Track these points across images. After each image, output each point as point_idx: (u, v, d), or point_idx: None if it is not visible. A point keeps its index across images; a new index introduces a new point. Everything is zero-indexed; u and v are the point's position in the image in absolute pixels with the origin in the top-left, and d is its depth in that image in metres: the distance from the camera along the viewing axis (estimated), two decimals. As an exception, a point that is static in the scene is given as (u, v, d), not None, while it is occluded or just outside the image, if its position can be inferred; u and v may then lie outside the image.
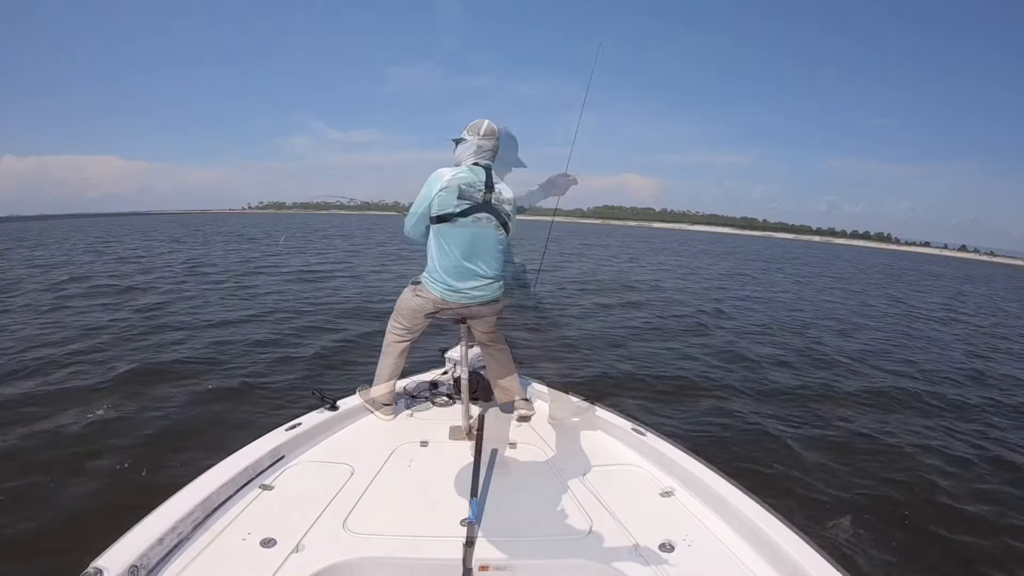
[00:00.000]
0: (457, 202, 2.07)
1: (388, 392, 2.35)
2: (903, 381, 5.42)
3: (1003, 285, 25.03)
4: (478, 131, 2.17)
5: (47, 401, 3.73)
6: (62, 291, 8.56)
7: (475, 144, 2.17)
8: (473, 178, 2.10)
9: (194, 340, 5.55)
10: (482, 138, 2.17)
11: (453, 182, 2.06)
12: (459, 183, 2.07)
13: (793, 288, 14.21)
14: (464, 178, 2.09)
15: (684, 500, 1.70)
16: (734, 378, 5.06)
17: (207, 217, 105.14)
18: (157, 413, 3.58)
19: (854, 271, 24.40)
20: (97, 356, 4.86)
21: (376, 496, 1.68)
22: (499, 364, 2.44)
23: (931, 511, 2.87)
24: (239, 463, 1.71)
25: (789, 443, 3.58)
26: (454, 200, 2.06)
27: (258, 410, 3.67)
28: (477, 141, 2.17)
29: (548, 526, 1.54)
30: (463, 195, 2.07)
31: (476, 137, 2.17)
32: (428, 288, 2.18)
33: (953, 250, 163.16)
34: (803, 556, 1.33)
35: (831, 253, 50.23)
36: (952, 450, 3.68)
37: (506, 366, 2.45)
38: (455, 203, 2.07)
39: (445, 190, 2.06)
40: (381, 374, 2.35)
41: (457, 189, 2.06)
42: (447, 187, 2.06)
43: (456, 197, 2.06)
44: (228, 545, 1.40)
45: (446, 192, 2.06)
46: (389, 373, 2.35)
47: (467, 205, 2.08)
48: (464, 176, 2.09)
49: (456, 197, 2.06)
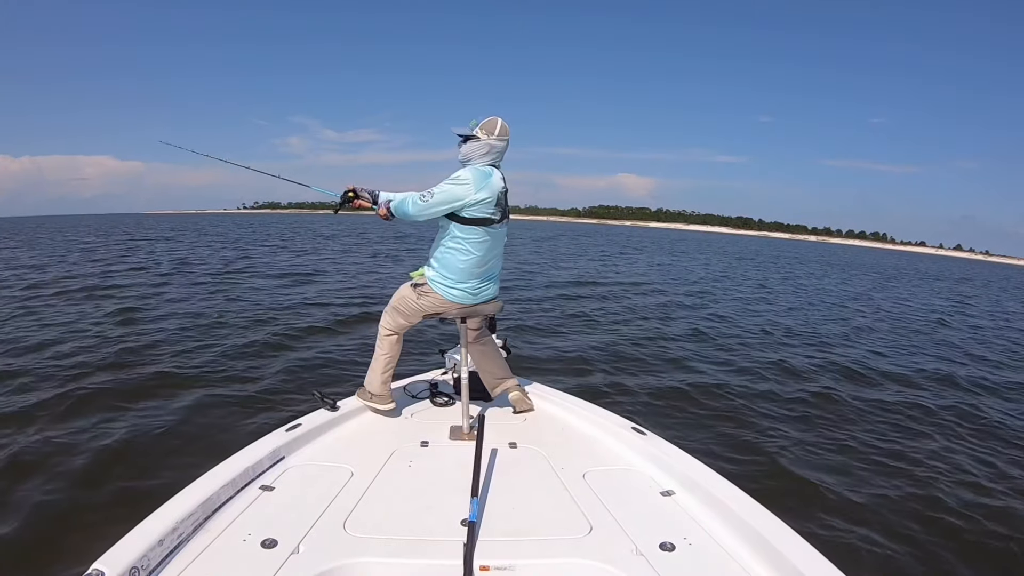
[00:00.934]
0: (494, 210, 2.06)
1: (385, 383, 2.33)
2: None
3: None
4: (492, 130, 2.09)
5: (45, 401, 3.72)
6: (43, 292, 8.53)
7: (488, 144, 2.09)
8: (501, 184, 2.09)
9: (192, 340, 5.55)
10: (497, 138, 2.10)
11: (495, 191, 2.04)
12: (498, 191, 2.06)
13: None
14: (499, 185, 2.07)
15: (684, 501, 1.70)
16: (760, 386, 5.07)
17: (200, 217, 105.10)
18: (157, 413, 3.57)
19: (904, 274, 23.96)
20: (96, 356, 4.86)
21: (376, 496, 1.68)
22: (488, 356, 2.44)
23: (936, 514, 2.85)
24: (239, 464, 1.71)
25: (790, 442, 3.59)
26: (492, 208, 2.05)
27: (257, 411, 3.67)
28: (491, 141, 2.09)
29: (548, 526, 1.55)
30: (499, 203, 2.07)
31: (490, 137, 2.09)
32: (438, 291, 2.16)
33: (948, 249, 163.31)
34: (803, 556, 1.33)
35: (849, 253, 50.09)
36: (964, 461, 3.65)
37: (496, 356, 2.45)
38: (493, 210, 2.06)
39: (485, 197, 2.01)
40: (376, 366, 2.32)
41: (496, 197, 2.05)
42: (486, 194, 2.02)
43: (495, 205, 2.05)
44: (228, 546, 1.40)
45: (485, 200, 2.02)
46: (385, 363, 2.32)
47: (501, 212, 2.09)
48: (498, 183, 2.07)
49: (495, 205, 2.05)
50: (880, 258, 51.41)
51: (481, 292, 2.19)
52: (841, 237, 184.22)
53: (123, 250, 17.32)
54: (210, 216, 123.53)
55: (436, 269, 2.17)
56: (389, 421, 2.31)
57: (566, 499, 1.69)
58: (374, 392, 2.31)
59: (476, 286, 2.16)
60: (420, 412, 2.43)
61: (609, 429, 2.18)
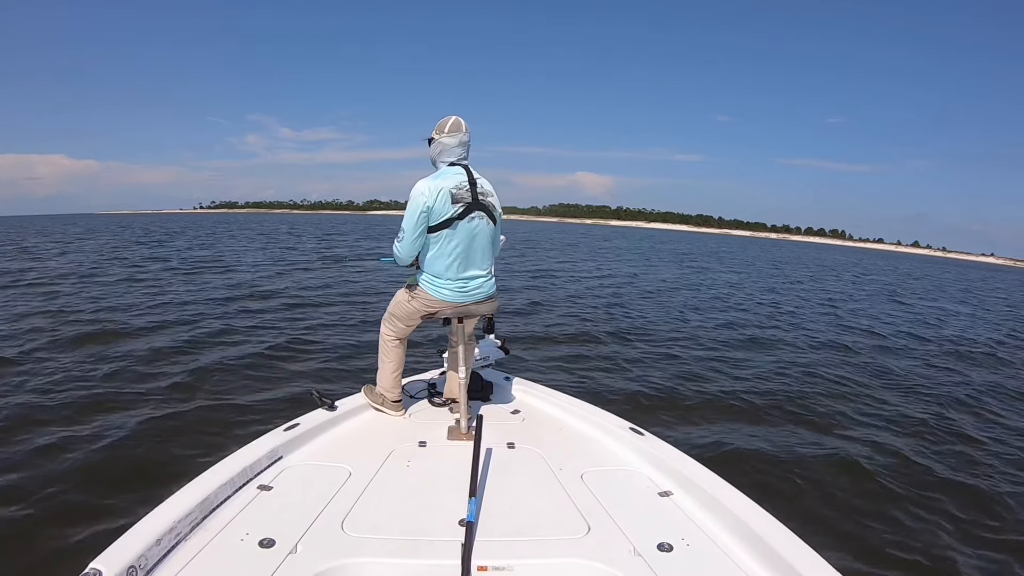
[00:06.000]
0: (453, 207, 2.07)
1: (396, 388, 2.36)
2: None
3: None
4: (442, 129, 2.16)
5: (41, 399, 3.72)
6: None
7: (439, 143, 2.16)
8: (458, 179, 2.10)
9: (190, 341, 5.54)
10: (447, 135, 2.15)
11: (443, 189, 2.06)
12: (448, 188, 2.07)
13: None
14: (450, 182, 2.08)
15: (682, 501, 1.70)
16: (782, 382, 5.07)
17: (156, 217, 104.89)
18: (155, 413, 3.57)
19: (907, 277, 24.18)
20: (94, 356, 4.86)
21: (374, 496, 1.68)
22: (469, 355, 2.45)
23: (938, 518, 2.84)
24: (237, 464, 1.71)
25: (789, 440, 3.59)
26: (449, 206, 2.06)
27: (256, 411, 3.66)
28: (442, 140, 2.16)
29: (546, 527, 1.54)
30: (456, 199, 2.07)
31: (441, 136, 2.16)
32: (427, 291, 2.18)
33: (906, 246, 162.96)
34: (801, 557, 1.33)
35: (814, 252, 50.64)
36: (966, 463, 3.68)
37: (471, 355, 2.48)
38: (451, 208, 2.07)
39: (437, 200, 2.04)
40: (385, 372, 2.35)
41: (448, 195, 2.06)
42: (437, 197, 2.05)
43: (451, 202, 2.06)
44: (226, 546, 1.40)
45: (439, 201, 2.05)
46: (392, 368, 2.35)
47: (462, 207, 2.09)
48: (449, 180, 2.09)
49: (451, 202, 2.06)
50: (845, 256, 51.93)
51: (472, 291, 2.19)
52: (800, 234, 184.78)
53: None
54: (166, 216, 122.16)
55: (424, 271, 2.21)
56: (387, 421, 2.31)
57: (564, 499, 1.69)
58: (387, 396, 2.35)
59: (464, 284, 2.17)
60: (418, 412, 2.43)
61: (607, 429, 2.18)
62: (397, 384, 2.37)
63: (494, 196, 2.21)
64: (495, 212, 2.21)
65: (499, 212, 2.25)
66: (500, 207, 2.26)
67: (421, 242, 2.13)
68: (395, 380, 2.36)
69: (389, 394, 2.34)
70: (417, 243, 2.13)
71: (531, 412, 2.45)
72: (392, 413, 2.34)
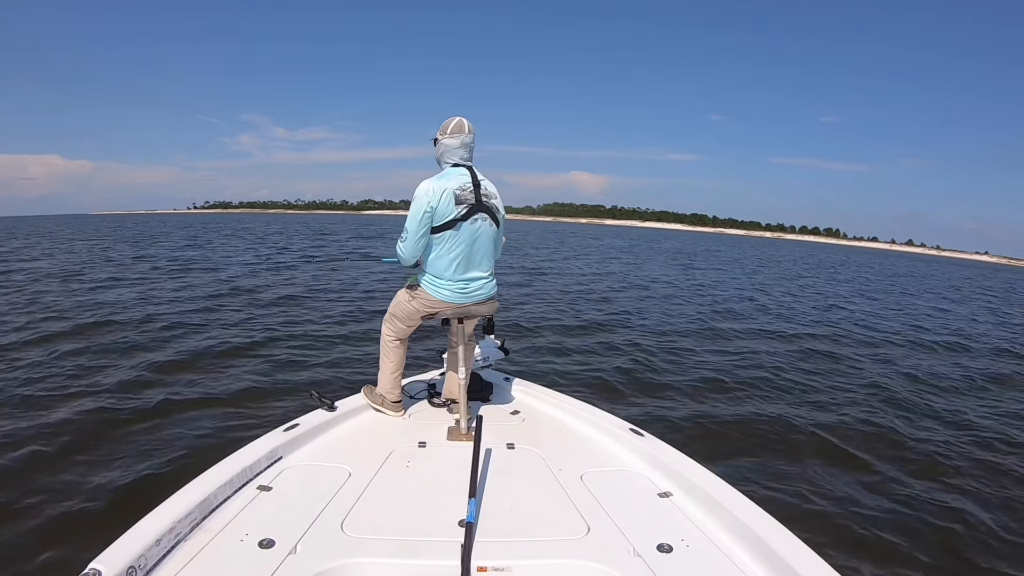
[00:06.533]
0: (456, 208, 2.07)
1: (396, 388, 2.36)
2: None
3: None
4: (445, 131, 2.17)
5: (41, 399, 3.71)
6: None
7: (442, 144, 2.17)
8: (462, 180, 2.10)
9: (189, 342, 5.53)
10: (449, 136, 2.16)
11: (446, 190, 2.06)
12: (452, 189, 2.07)
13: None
14: (454, 183, 2.08)
15: (682, 502, 1.70)
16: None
17: (150, 217, 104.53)
18: (155, 413, 3.56)
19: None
20: (93, 357, 4.84)
21: (374, 497, 1.68)
22: (469, 356, 2.45)
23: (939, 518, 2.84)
24: (237, 464, 1.71)
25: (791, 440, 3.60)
26: (453, 207, 2.06)
27: (257, 412, 3.66)
28: (444, 140, 2.16)
29: (546, 527, 1.55)
30: (459, 200, 2.07)
31: (443, 137, 2.16)
32: (428, 291, 2.18)
33: (901, 245, 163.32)
34: (800, 558, 1.34)
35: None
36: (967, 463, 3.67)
37: (471, 356, 2.47)
38: (455, 209, 2.06)
39: (441, 201, 2.04)
40: (385, 372, 2.36)
41: (452, 196, 2.06)
42: (441, 197, 2.05)
43: (454, 203, 2.06)
44: (226, 546, 1.40)
45: (442, 202, 2.05)
46: (393, 369, 2.36)
47: (466, 209, 2.09)
48: (453, 181, 2.09)
49: (454, 203, 2.06)
50: (835, 254, 52.66)
51: (472, 292, 2.19)
52: (795, 233, 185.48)
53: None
54: (162, 216, 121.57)
55: (425, 271, 2.21)
56: (387, 422, 2.31)
57: (564, 500, 1.69)
58: (387, 396, 2.35)
59: (465, 285, 2.17)
60: (418, 413, 2.43)
61: (607, 430, 2.19)
62: (397, 384, 2.37)
63: (498, 198, 2.21)
64: (498, 214, 2.21)
65: (502, 214, 2.25)
66: (503, 209, 2.26)
67: (424, 242, 2.13)
68: (395, 380, 2.36)
69: (389, 394, 2.35)
70: (420, 243, 2.12)
71: (531, 413, 2.45)
72: (392, 413, 2.34)
